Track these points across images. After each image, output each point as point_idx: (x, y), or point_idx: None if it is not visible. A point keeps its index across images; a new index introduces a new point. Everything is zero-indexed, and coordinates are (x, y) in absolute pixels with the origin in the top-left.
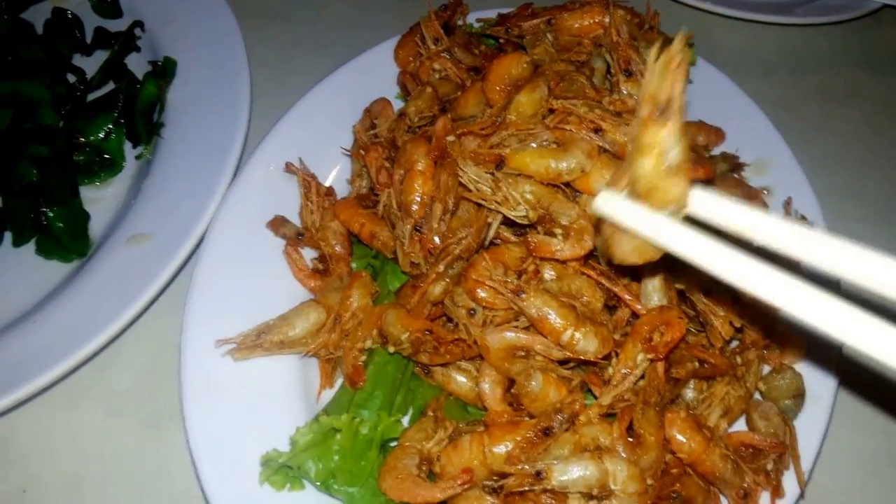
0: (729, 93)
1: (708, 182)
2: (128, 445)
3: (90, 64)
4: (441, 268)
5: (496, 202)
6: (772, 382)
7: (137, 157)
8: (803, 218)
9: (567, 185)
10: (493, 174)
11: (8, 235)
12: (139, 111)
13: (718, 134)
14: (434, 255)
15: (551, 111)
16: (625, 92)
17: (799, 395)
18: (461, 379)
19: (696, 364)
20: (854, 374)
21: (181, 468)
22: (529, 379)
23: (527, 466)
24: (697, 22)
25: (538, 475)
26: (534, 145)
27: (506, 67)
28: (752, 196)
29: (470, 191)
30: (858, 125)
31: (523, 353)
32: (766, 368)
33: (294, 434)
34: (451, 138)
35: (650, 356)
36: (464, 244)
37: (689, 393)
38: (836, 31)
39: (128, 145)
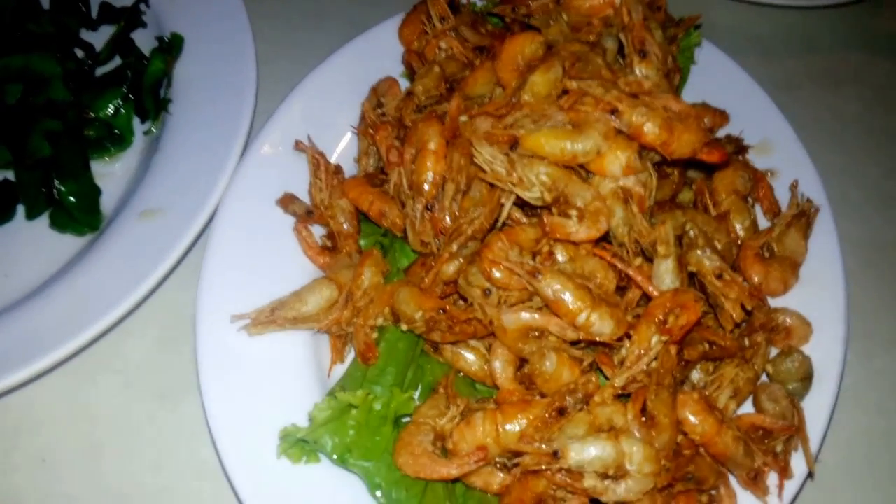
0: (733, 75)
1: (722, 165)
2: (144, 416)
3: (95, 39)
4: (454, 247)
5: (511, 183)
6: (780, 365)
7: (146, 133)
8: (809, 201)
9: (580, 165)
10: (508, 155)
11: (20, 209)
12: (146, 87)
13: (723, 116)
14: (445, 235)
15: (565, 92)
16: (639, 73)
17: (807, 378)
18: (470, 357)
19: (707, 346)
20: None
21: (197, 439)
22: (543, 359)
23: (543, 446)
24: (696, 2)
25: (555, 455)
26: (548, 126)
27: (518, 47)
28: (758, 178)
29: (484, 171)
30: (858, 108)
31: (537, 334)
32: (773, 351)
33: (312, 410)
34: (463, 118)
35: (665, 338)
36: (476, 224)
37: (695, 374)
38: (835, 14)
39: (136, 120)
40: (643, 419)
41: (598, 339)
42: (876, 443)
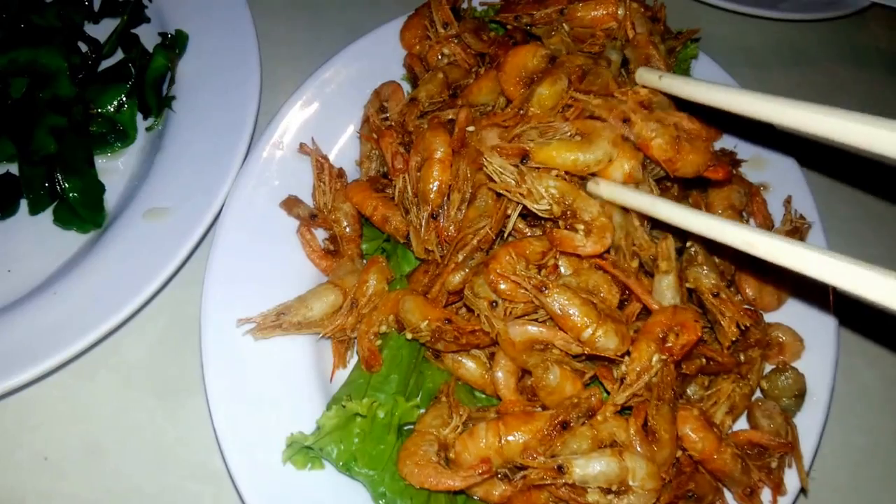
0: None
1: (724, 183)
2: (145, 415)
3: (97, 31)
4: (460, 258)
5: (521, 195)
6: (775, 381)
7: (148, 129)
8: (801, 217)
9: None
10: (518, 167)
11: (24, 204)
12: (149, 83)
13: (717, 129)
14: (449, 244)
15: (569, 105)
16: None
17: (800, 395)
18: (471, 365)
19: (704, 361)
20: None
21: (198, 439)
22: (547, 372)
23: (548, 460)
24: (687, 12)
25: (560, 469)
26: (557, 138)
27: (521, 60)
28: (753, 193)
29: (493, 181)
30: None
31: (541, 347)
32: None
33: (320, 418)
34: (470, 129)
35: (664, 356)
36: (481, 234)
37: (691, 388)
38: (824, 27)
39: (138, 117)
40: (644, 434)
41: (602, 354)
42: (861, 456)
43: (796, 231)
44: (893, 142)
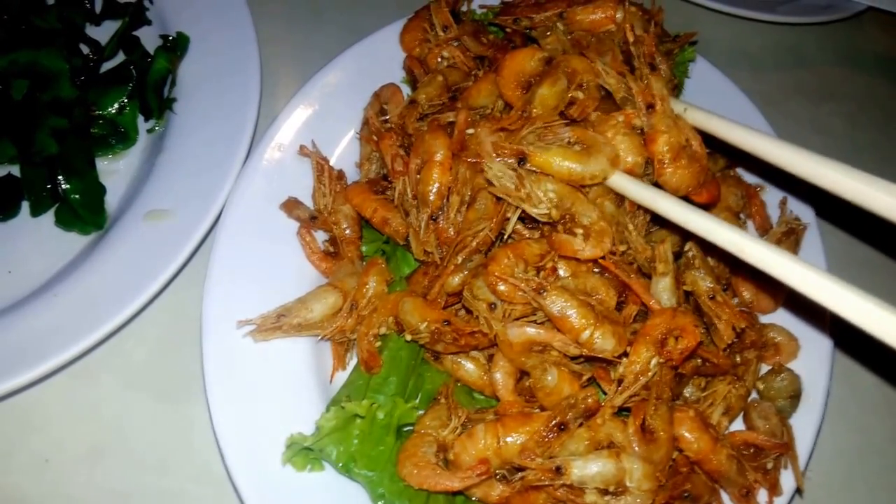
0: (726, 90)
1: (710, 206)
2: (146, 417)
3: (98, 33)
4: (459, 259)
5: (520, 198)
6: (770, 383)
7: (149, 131)
8: (797, 219)
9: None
10: (517, 171)
11: (25, 206)
12: (150, 85)
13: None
14: (449, 246)
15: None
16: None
17: (795, 396)
18: (470, 366)
19: (700, 361)
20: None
21: (199, 440)
22: (545, 373)
23: (546, 461)
24: (684, 15)
25: (558, 470)
26: (557, 145)
27: (520, 63)
28: (751, 195)
29: (492, 185)
30: (840, 123)
31: (540, 348)
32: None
33: (319, 419)
34: (470, 131)
35: (662, 360)
36: (481, 236)
37: (687, 389)
38: (821, 30)
39: (139, 119)
40: (643, 434)
41: (600, 355)
42: (856, 457)
43: (792, 232)
44: None
